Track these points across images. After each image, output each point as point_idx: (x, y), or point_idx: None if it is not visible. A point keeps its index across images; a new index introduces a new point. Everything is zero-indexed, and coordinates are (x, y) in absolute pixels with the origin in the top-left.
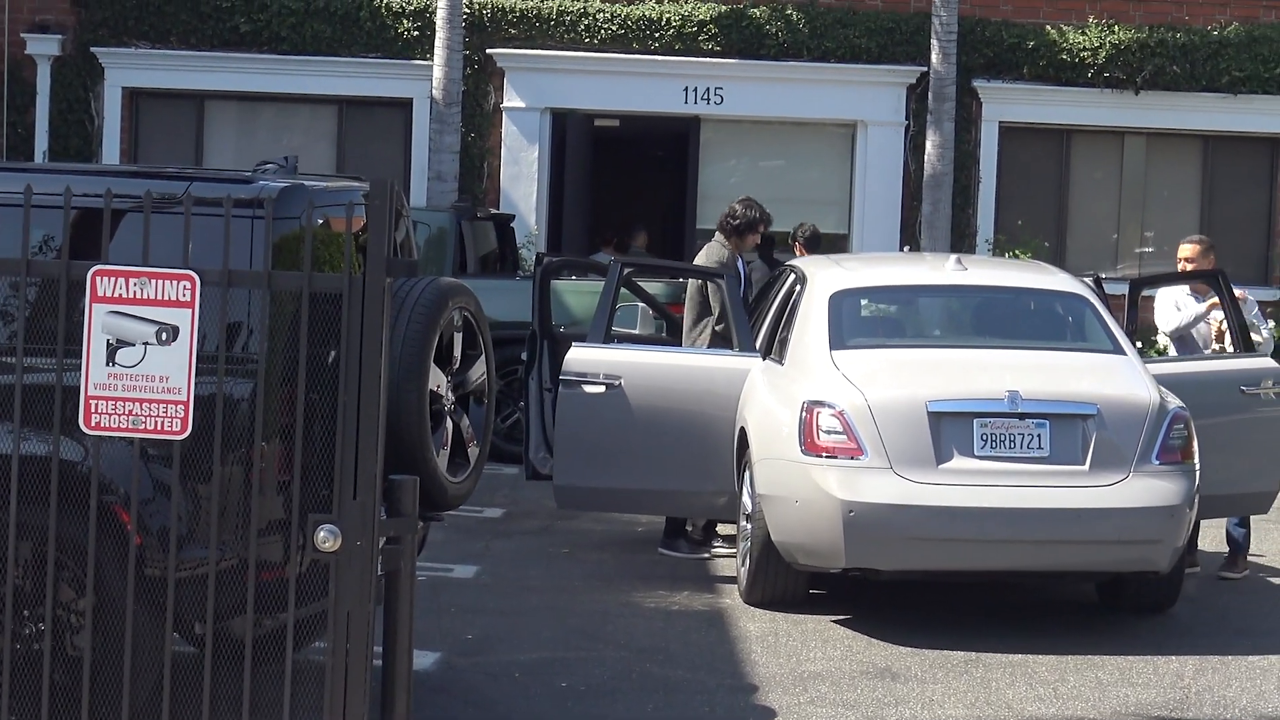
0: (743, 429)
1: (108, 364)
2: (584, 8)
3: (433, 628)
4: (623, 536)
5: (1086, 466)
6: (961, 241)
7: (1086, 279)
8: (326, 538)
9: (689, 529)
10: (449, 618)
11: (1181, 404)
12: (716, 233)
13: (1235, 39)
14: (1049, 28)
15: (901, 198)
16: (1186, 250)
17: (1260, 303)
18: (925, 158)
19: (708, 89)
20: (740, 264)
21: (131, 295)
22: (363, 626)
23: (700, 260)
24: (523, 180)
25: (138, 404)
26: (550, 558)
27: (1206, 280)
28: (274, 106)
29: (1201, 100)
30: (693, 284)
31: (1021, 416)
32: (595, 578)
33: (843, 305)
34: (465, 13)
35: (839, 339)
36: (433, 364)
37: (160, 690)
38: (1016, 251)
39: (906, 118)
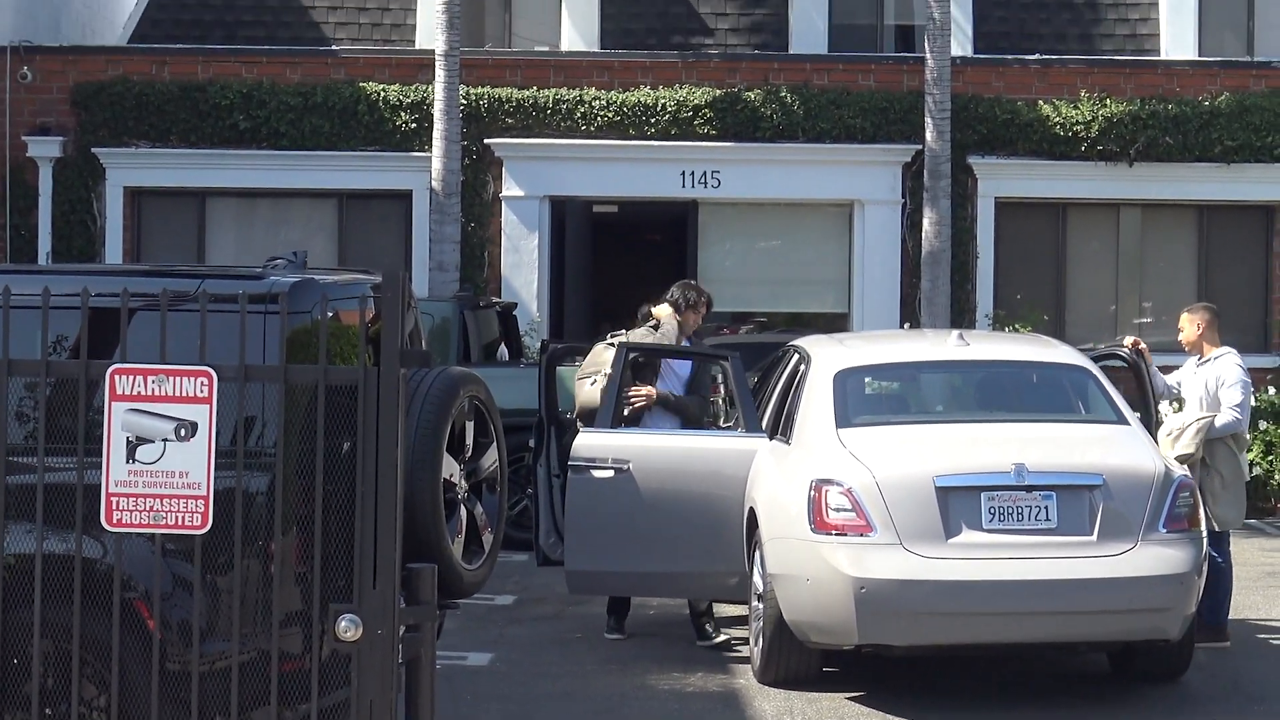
0: (752, 509)
1: (128, 461)
2: (580, 95)
3: (450, 716)
4: (635, 620)
5: (1094, 537)
6: (961, 317)
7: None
8: (348, 627)
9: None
10: (465, 706)
11: (1186, 472)
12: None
13: (1226, 109)
14: (1041, 103)
15: (900, 275)
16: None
17: (1260, 369)
18: (923, 235)
19: (704, 173)
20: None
21: (150, 393)
22: (385, 716)
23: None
24: (523, 268)
25: (159, 500)
26: (564, 643)
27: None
28: (274, 201)
29: (1195, 170)
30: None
31: (1028, 489)
32: (610, 661)
33: (847, 383)
34: (462, 104)
35: (844, 417)
36: (446, 453)
37: None
38: (1016, 325)
39: (903, 196)
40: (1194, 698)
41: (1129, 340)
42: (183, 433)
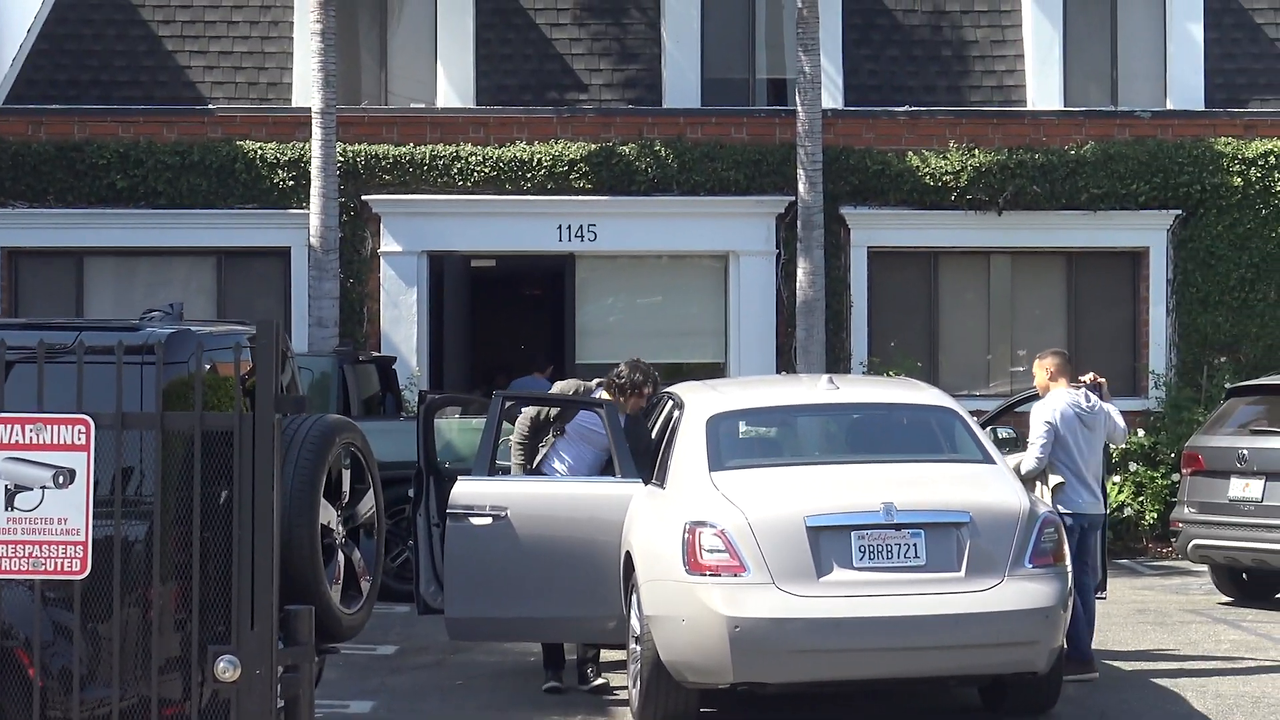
0: (628, 553)
1: (6, 509)
2: (456, 151)
3: None
4: (516, 667)
5: (962, 573)
6: (836, 365)
7: (1085, 379)
8: (226, 668)
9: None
10: None
11: (1050, 508)
12: (601, 388)
13: (1092, 158)
14: (911, 154)
15: (776, 325)
16: None
17: (1131, 413)
18: (797, 285)
19: (581, 226)
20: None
21: (28, 440)
22: None
23: (559, 389)
24: (403, 323)
25: (38, 545)
26: (445, 690)
27: None
28: (153, 260)
29: (1063, 218)
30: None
31: (897, 527)
32: (490, 708)
33: (719, 428)
34: (340, 161)
35: (717, 460)
36: (323, 499)
37: None
38: (890, 372)
39: (777, 246)
40: None
41: (1088, 376)
42: (61, 480)
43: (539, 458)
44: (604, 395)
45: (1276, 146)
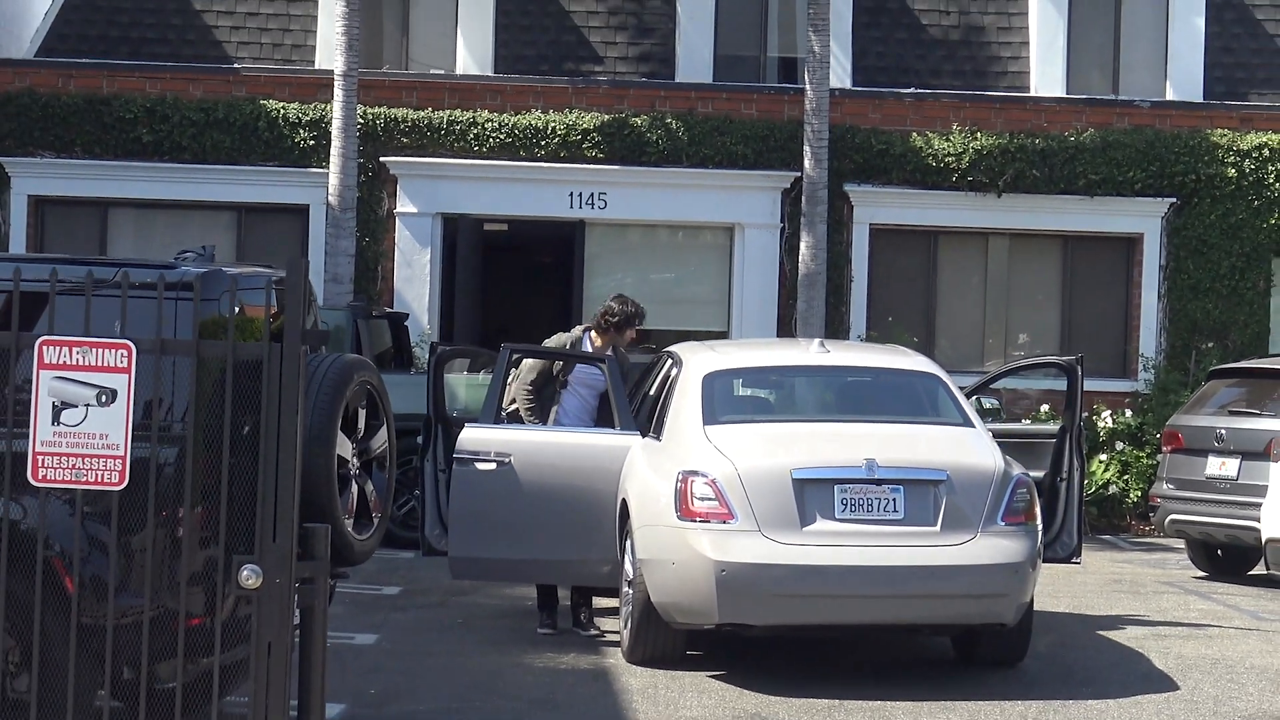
0: (624, 500)
1: (53, 424)
2: (473, 117)
3: (338, 684)
4: (515, 609)
5: (938, 527)
6: (835, 337)
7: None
8: (250, 576)
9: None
10: (352, 677)
11: (1024, 470)
12: (590, 329)
13: (1091, 144)
14: (915, 135)
15: (778, 296)
16: None
17: (1119, 394)
18: (800, 258)
19: (592, 194)
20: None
21: (75, 362)
22: (282, 656)
23: (554, 344)
24: (416, 282)
25: (80, 459)
26: (446, 627)
27: None
28: (175, 213)
29: (1060, 202)
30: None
31: (878, 482)
32: (488, 643)
33: (715, 385)
34: (359, 123)
35: (711, 415)
36: (340, 431)
37: None
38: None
39: (781, 220)
40: (1030, 680)
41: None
42: (103, 399)
43: (552, 416)
44: (594, 334)
45: (1271, 139)
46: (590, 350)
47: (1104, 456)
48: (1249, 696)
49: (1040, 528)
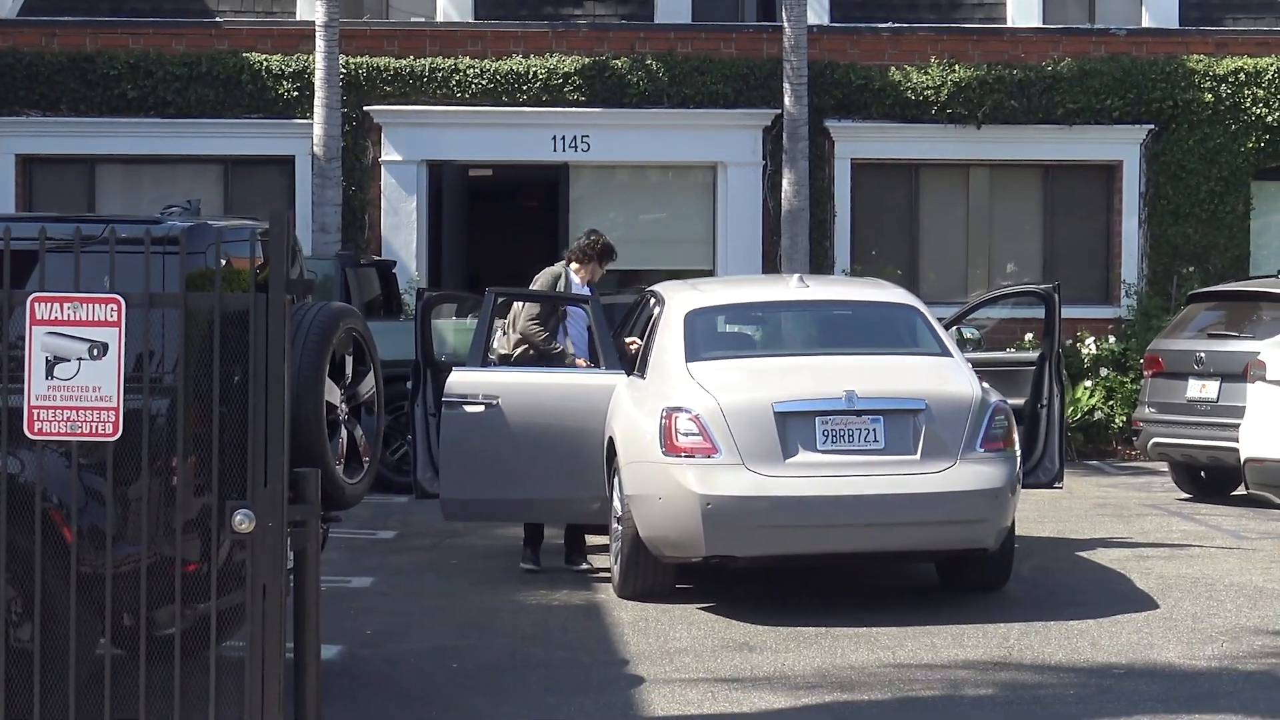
0: (611, 438)
1: (47, 378)
2: (455, 64)
3: (335, 626)
4: (507, 549)
5: (918, 456)
6: (819, 272)
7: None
8: (243, 520)
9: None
10: (349, 618)
11: (1002, 397)
12: (571, 262)
13: (1068, 74)
14: (893, 69)
15: (762, 233)
16: None
17: (1102, 320)
18: (782, 195)
19: (575, 137)
20: (589, 289)
21: (66, 317)
22: (276, 597)
23: (542, 282)
24: (403, 229)
25: (75, 411)
26: (440, 569)
27: None
28: (162, 168)
29: (1039, 132)
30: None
31: (858, 413)
32: (482, 583)
33: (697, 322)
34: (342, 73)
35: (694, 352)
36: (328, 378)
37: (94, 681)
38: None
39: (763, 158)
40: (1013, 603)
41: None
42: (95, 352)
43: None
44: (574, 265)
45: (1246, 64)
46: (575, 281)
47: (1089, 383)
48: (1226, 613)
49: (1019, 453)
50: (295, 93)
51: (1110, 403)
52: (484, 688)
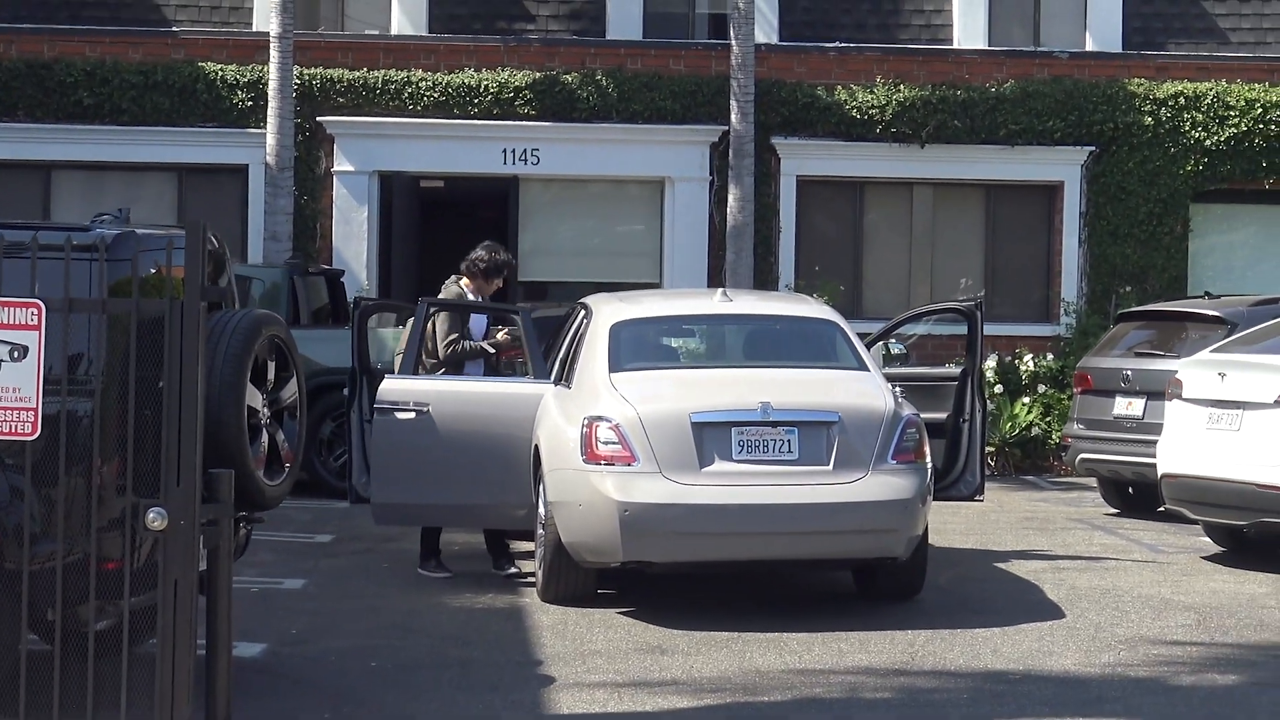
0: (536, 446)
1: None
2: (407, 77)
3: (261, 625)
4: (443, 553)
5: (831, 466)
6: (764, 287)
7: (974, 300)
8: (156, 518)
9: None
10: (276, 617)
11: (915, 410)
12: (463, 277)
13: (1011, 95)
14: (840, 88)
15: (708, 248)
16: None
17: (1042, 338)
18: (728, 210)
19: (524, 150)
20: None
21: None
22: (188, 593)
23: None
24: (353, 239)
25: None
26: (371, 572)
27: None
28: (118, 175)
29: (982, 152)
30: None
31: (773, 424)
32: (412, 586)
33: (621, 334)
34: (296, 84)
35: (617, 363)
36: (250, 383)
37: (14, 676)
38: (815, 295)
39: (710, 173)
40: (925, 611)
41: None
42: (15, 355)
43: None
44: (465, 281)
45: (1186, 88)
46: (470, 298)
47: (1027, 399)
48: (1130, 623)
49: (930, 466)
50: (250, 103)
51: (1047, 419)
52: (398, 685)
